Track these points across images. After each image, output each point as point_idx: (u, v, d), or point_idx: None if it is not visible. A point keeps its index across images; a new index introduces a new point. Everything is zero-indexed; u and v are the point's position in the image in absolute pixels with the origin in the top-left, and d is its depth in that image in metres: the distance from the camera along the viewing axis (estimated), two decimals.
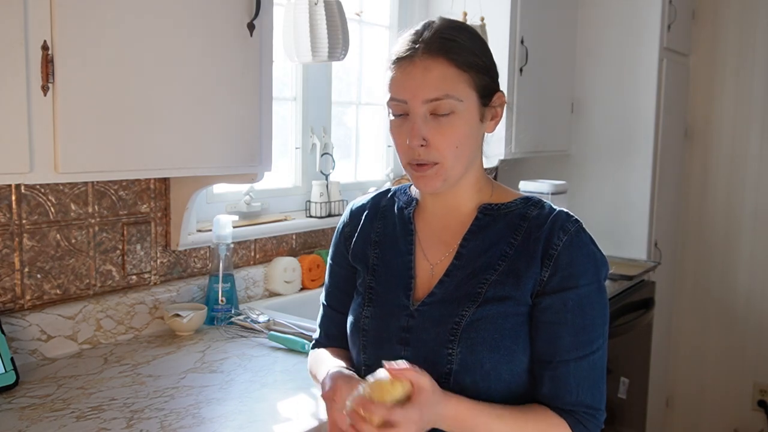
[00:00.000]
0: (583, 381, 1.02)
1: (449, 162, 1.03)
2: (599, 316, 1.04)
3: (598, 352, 1.03)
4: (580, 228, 1.06)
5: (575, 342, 1.02)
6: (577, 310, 1.02)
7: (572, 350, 1.02)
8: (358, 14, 2.36)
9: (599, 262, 1.05)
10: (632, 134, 2.84)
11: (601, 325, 1.04)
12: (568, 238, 1.03)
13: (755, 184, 3.22)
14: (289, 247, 2.09)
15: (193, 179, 1.67)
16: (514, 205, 1.09)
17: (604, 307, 1.05)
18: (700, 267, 3.36)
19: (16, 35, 1.10)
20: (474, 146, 1.06)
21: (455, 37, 1.02)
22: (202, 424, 1.18)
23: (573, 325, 1.02)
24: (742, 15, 3.19)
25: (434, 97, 1.00)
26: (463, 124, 1.02)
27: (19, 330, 1.43)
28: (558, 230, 1.04)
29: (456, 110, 1.01)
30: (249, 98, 1.49)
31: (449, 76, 1.00)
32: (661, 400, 3.27)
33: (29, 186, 1.46)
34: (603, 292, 1.05)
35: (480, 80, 1.03)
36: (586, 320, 1.02)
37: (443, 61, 1.00)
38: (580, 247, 1.04)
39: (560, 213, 1.07)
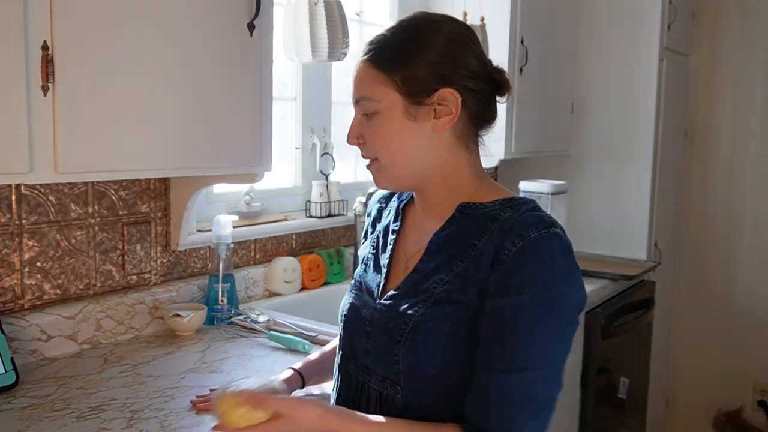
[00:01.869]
0: (501, 398, 0.91)
1: (385, 160, 1.04)
2: (542, 333, 0.92)
3: (530, 372, 0.91)
4: (547, 237, 0.94)
5: (502, 353, 0.92)
6: (513, 320, 0.92)
7: (496, 361, 0.92)
8: (358, 14, 2.36)
9: (558, 276, 0.93)
10: (632, 134, 2.84)
11: (542, 344, 0.92)
12: (523, 244, 0.94)
13: (755, 184, 3.22)
14: (289, 247, 2.09)
15: (193, 179, 1.67)
16: (491, 205, 1.02)
17: (555, 327, 0.93)
18: (700, 267, 3.36)
19: (16, 35, 1.10)
20: (411, 145, 1.02)
21: (385, 37, 1.03)
22: (202, 424, 1.18)
23: (505, 334, 0.92)
24: (742, 15, 3.19)
25: (355, 98, 1.06)
26: (385, 124, 1.02)
27: (19, 330, 1.43)
28: (515, 235, 0.95)
29: (378, 110, 1.02)
30: (249, 98, 1.49)
31: (366, 78, 1.04)
32: (661, 400, 3.27)
33: (29, 186, 1.46)
34: (555, 311, 0.93)
35: (404, 78, 1.00)
36: (521, 333, 0.91)
37: (365, 63, 1.04)
38: (535, 255, 0.93)
39: (530, 216, 0.97)
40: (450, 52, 1.01)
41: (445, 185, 1.05)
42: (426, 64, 1.00)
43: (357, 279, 1.15)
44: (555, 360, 0.94)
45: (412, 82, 1.00)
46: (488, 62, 1.05)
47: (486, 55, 1.06)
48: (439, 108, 1.00)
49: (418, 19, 1.04)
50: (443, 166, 1.04)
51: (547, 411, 0.94)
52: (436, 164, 1.04)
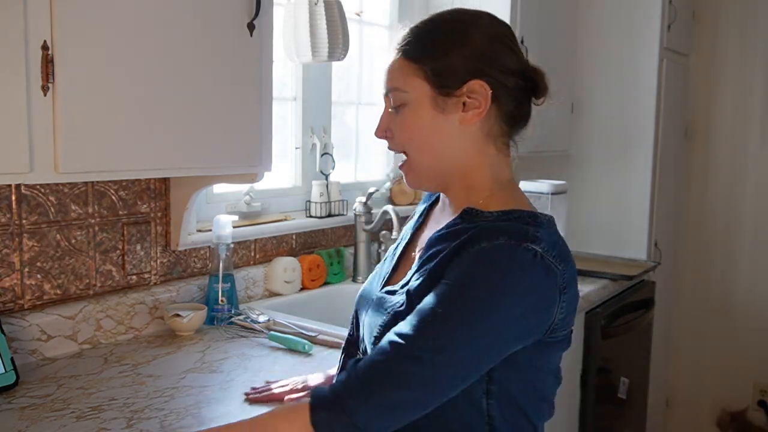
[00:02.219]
0: (364, 365, 0.89)
1: (412, 154, 1.03)
2: (457, 315, 0.87)
3: (416, 351, 0.87)
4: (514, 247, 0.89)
5: (405, 322, 0.90)
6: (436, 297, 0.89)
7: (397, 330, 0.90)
8: (358, 14, 2.36)
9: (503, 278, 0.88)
10: (632, 134, 2.84)
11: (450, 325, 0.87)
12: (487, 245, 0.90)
13: (755, 184, 3.22)
14: (289, 247, 2.09)
15: (193, 179, 1.67)
16: (490, 216, 0.97)
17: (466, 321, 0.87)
18: (700, 267, 3.36)
19: (16, 35, 1.10)
20: (437, 137, 1.00)
21: (419, 31, 1.03)
22: (202, 425, 1.18)
23: (422, 305, 0.90)
24: (742, 15, 3.19)
25: (386, 90, 1.04)
26: (413, 116, 1.00)
27: (19, 330, 1.43)
28: (485, 237, 0.91)
29: (407, 102, 1.01)
30: (249, 98, 1.49)
31: (398, 69, 1.02)
32: (661, 400, 3.27)
33: (29, 186, 1.46)
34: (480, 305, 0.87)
35: (434, 69, 0.98)
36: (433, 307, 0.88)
37: (397, 55, 1.03)
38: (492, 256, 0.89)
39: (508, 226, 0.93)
40: (485, 45, 0.99)
41: (463, 185, 1.03)
42: (458, 55, 0.98)
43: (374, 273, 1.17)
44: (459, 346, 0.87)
45: (442, 72, 0.98)
46: (526, 61, 1.03)
47: (524, 55, 1.04)
48: (468, 101, 0.98)
49: (454, 13, 1.03)
50: (467, 164, 1.01)
51: (391, 392, 0.87)
52: (461, 161, 1.01)
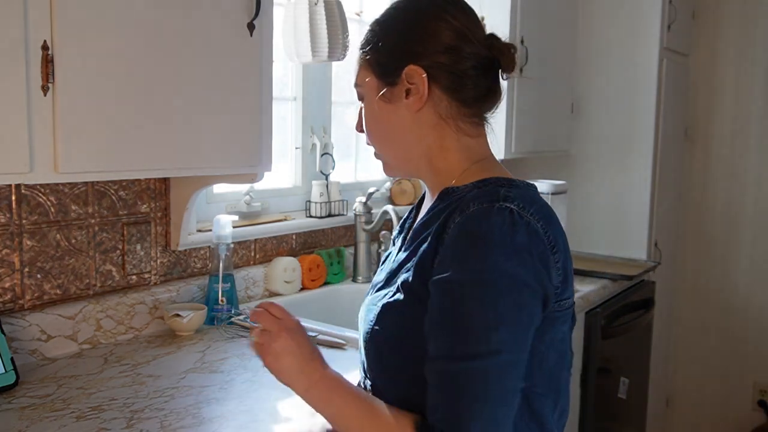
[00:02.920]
0: (441, 395, 0.83)
1: (375, 146, 1.04)
2: (479, 316, 0.82)
3: (468, 362, 0.82)
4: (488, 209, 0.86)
5: (438, 340, 0.85)
6: (447, 301, 0.84)
7: (435, 350, 0.85)
8: (358, 14, 2.36)
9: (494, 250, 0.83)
10: (632, 134, 2.84)
11: (481, 329, 0.82)
12: (461, 219, 0.86)
13: (755, 184, 3.22)
14: (289, 247, 2.09)
15: (193, 179, 1.67)
16: (465, 188, 0.94)
17: (495, 309, 0.82)
18: (700, 267, 3.36)
19: (16, 35, 1.10)
20: (392, 129, 0.99)
21: (370, 26, 1.02)
22: (202, 424, 1.18)
23: (441, 318, 0.85)
24: (742, 15, 3.19)
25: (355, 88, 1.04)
26: (368, 109, 1.01)
27: (19, 330, 1.43)
28: (458, 211, 0.88)
29: (363, 95, 1.02)
30: (249, 98, 1.49)
31: (357, 66, 1.02)
32: (661, 400, 3.27)
33: (29, 186, 1.46)
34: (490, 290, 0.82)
35: (376, 59, 0.98)
36: (456, 317, 0.83)
37: (358, 53, 1.03)
38: (469, 229, 0.85)
39: (480, 192, 0.91)
40: (418, 27, 0.96)
41: (432, 170, 1.00)
42: (392, 41, 0.97)
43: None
44: (500, 349, 0.82)
45: (380, 61, 0.98)
46: (476, 36, 0.97)
47: (475, 28, 0.98)
48: (410, 87, 0.96)
49: (393, 3, 1.02)
50: (429, 149, 0.99)
51: (496, 407, 0.82)
52: (422, 147, 0.99)
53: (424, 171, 1.01)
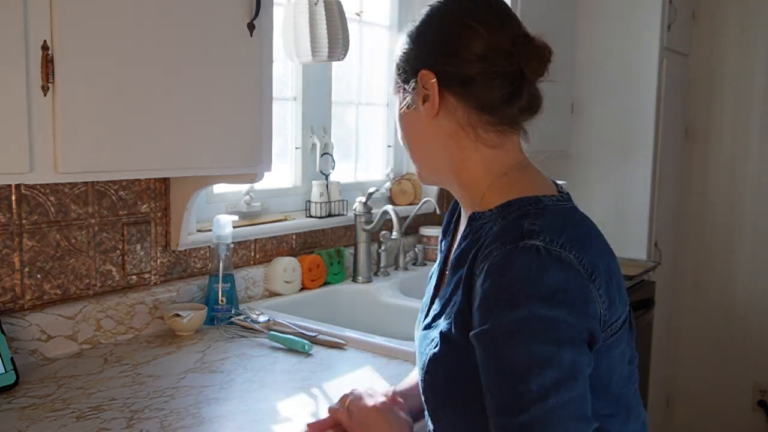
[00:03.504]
0: None
1: (409, 154, 1.02)
2: (520, 365, 0.78)
3: (523, 414, 0.77)
4: (513, 252, 0.80)
5: (492, 397, 0.81)
6: (489, 356, 0.81)
7: (493, 408, 0.81)
8: (358, 14, 2.36)
9: (523, 295, 0.78)
10: (632, 134, 2.84)
11: (524, 379, 0.77)
12: (487, 266, 0.82)
13: (755, 184, 3.22)
14: (289, 247, 2.10)
15: (193, 179, 1.67)
16: (490, 214, 0.90)
17: (529, 354, 0.78)
18: (700, 267, 3.37)
19: (16, 35, 1.10)
20: (416, 136, 0.98)
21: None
22: (202, 424, 1.18)
23: (487, 374, 0.82)
24: (742, 15, 3.19)
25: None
26: (399, 116, 1.00)
27: (19, 330, 1.43)
28: (483, 255, 0.83)
29: (394, 102, 1.02)
30: (249, 98, 1.49)
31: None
32: (661, 400, 3.28)
33: (29, 186, 1.46)
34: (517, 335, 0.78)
35: (401, 64, 0.97)
36: (500, 370, 0.80)
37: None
38: (495, 278, 0.80)
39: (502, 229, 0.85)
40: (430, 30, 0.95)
41: (459, 182, 0.97)
42: (412, 47, 0.96)
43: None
44: (548, 394, 0.77)
45: (400, 67, 0.98)
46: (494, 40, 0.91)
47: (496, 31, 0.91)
48: (426, 93, 0.94)
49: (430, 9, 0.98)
50: (451, 160, 0.95)
51: None
52: (445, 157, 0.96)
53: (452, 183, 0.98)
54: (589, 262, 0.82)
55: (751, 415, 3.28)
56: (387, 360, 1.51)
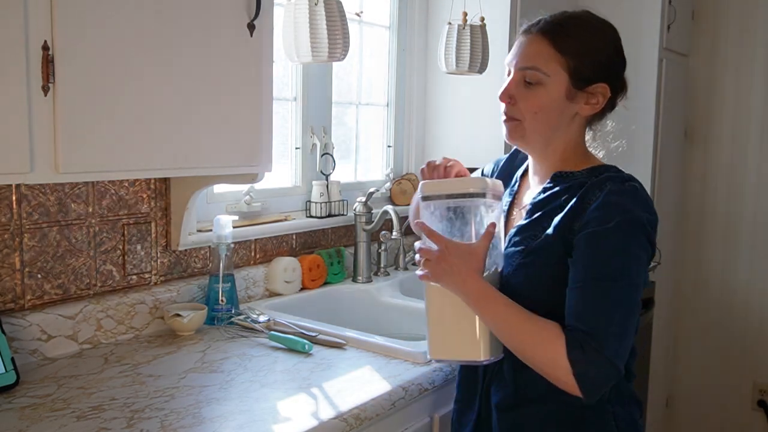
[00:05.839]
0: (587, 306, 1.09)
1: (528, 123, 1.22)
2: (616, 253, 1.09)
3: (609, 282, 1.09)
4: (621, 187, 1.14)
5: (585, 272, 1.10)
6: (591, 245, 1.11)
7: (581, 279, 1.10)
8: (358, 14, 2.36)
9: (629, 213, 1.11)
10: (632, 134, 2.84)
11: (617, 261, 1.09)
12: (602, 193, 1.14)
13: (755, 184, 3.22)
14: (290, 247, 2.10)
15: (193, 179, 1.67)
16: (580, 174, 1.22)
17: (625, 246, 1.10)
18: (700, 267, 3.36)
19: (16, 35, 1.10)
20: (557, 117, 1.21)
21: (566, 25, 1.21)
22: (202, 424, 1.18)
23: (585, 257, 1.11)
24: (742, 15, 3.19)
25: (525, 66, 1.21)
26: (546, 96, 1.20)
27: (20, 330, 1.43)
28: (596, 189, 1.15)
29: (543, 83, 1.19)
30: (249, 98, 1.49)
31: (544, 53, 1.19)
32: (661, 400, 3.27)
33: (30, 186, 1.46)
34: (625, 234, 1.10)
35: (576, 66, 1.19)
36: (598, 254, 1.10)
37: (545, 40, 1.20)
38: (610, 197, 1.12)
39: (608, 176, 1.18)
40: (614, 56, 1.23)
41: (561, 158, 1.25)
42: (597, 60, 1.20)
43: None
44: (631, 276, 1.10)
45: (583, 70, 1.19)
46: (625, 68, 1.26)
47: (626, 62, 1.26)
48: (590, 97, 1.21)
49: (598, 19, 1.24)
50: (567, 140, 1.25)
51: (628, 319, 1.10)
52: (565, 138, 1.24)
53: (549, 153, 1.26)
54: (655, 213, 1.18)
55: (751, 415, 3.28)
56: (387, 360, 1.51)
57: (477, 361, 1.21)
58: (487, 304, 1.16)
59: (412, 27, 2.57)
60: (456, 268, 1.17)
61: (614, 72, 1.23)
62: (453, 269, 1.17)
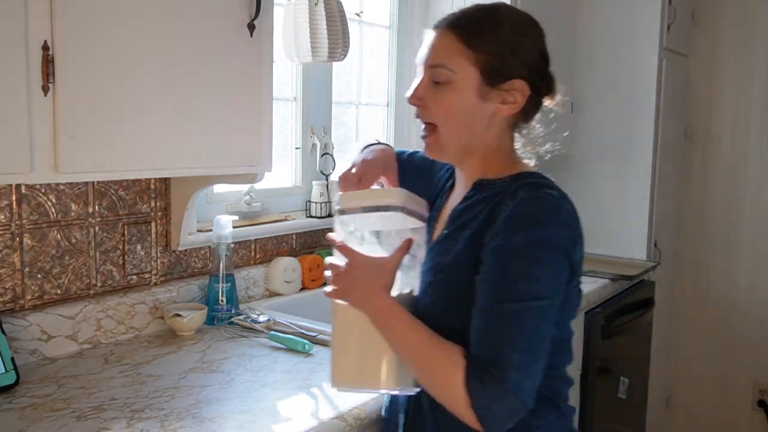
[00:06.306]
0: (488, 332, 0.98)
1: (442, 128, 1.10)
2: (522, 271, 0.98)
3: (513, 305, 0.97)
4: (535, 195, 1.03)
5: (489, 293, 0.99)
6: (496, 262, 1.00)
7: (485, 300, 0.99)
8: (358, 14, 2.36)
9: (539, 227, 0.99)
10: (632, 134, 2.84)
11: (524, 280, 0.98)
12: (514, 202, 1.02)
13: (755, 184, 3.22)
14: (290, 247, 2.10)
15: (193, 179, 1.67)
16: (501, 182, 1.10)
17: (533, 265, 0.98)
18: (700, 267, 3.36)
19: (16, 35, 1.10)
20: (471, 119, 1.09)
21: (476, 18, 1.09)
22: (202, 424, 1.18)
23: (490, 275, 1.00)
24: (742, 15, 3.19)
25: (432, 63, 1.09)
26: (455, 96, 1.08)
27: (20, 330, 1.43)
28: (508, 198, 1.04)
29: (451, 81, 1.07)
30: (249, 98, 1.49)
31: (451, 49, 1.07)
32: (661, 400, 3.27)
33: (29, 186, 1.46)
34: (533, 251, 0.98)
35: (487, 61, 1.06)
36: (504, 273, 0.99)
37: (451, 35, 1.08)
38: (521, 208, 1.01)
39: (524, 183, 1.06)
40: (533, 51, 1.10)
41: (481, 164, 1.13)
42: (512, 55, 1.07)
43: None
44: (539, 296, 0.98)
45: (494, 65, 1.07)
46: (549, 64, 1.15)
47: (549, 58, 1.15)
48: (507, 95, 1.08)
49: (510, 11, 1.11)
50: (488, 147, 1.12)
51: (535, 342, 0.98)
52: (484, 143, 1.12)
53: (470, 162, 1.14)
54: (579, 222, 1.06)
55: (751, 415, 3.28)
56: None
57: (383, 390, 1.09)
58: (389, 324, 1.04)
59: (412, 27, 2.56)
60: (362, 283, 1.06)
61: (532, 67, 1.10)
62: (359, 284, 1.06)
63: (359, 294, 1.06)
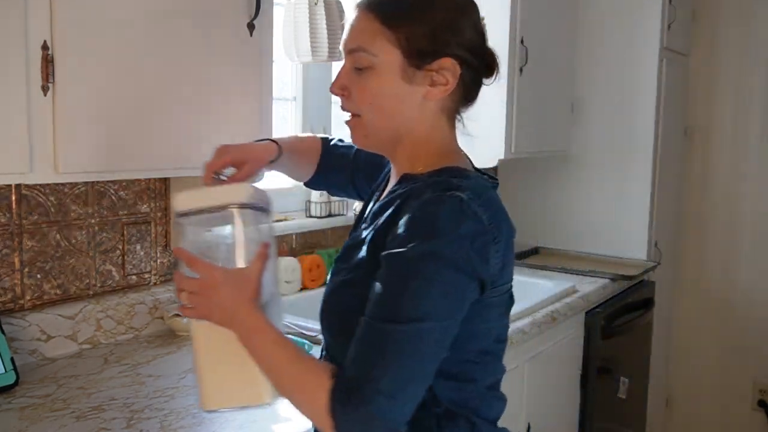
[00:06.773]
0: (361, 350, 0.89)
1: (366, 117, 1.01)
2: (411, 286, 0.88)
3: (391, 325, 0.87)
4: (439, 198, 0.91)
5: (371, 307, 0.90)
6: (387, 271, 0.90)
7: (369, 312, 0.90)
8: None
9: (433, 238, 0.88)
10: (632, 134, 2.83)
11: (409, 298, 0.88)
12: (416, 203, 0.92)
13: (755, 184, 3.22)
14: (289, 247, 2.09)
15: (193, 179, 1.67)
16: (423, 177, 1.00)
17: (426, 280, 0.88)
18: (700, 267, 3.36)
19: (16, 35, 1.10)
20: (397, 106, 0.99)
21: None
22: (202, 424, 1.18)
23: (380, 287, 0.90)
24: (742, 15, 3.19)
25: (350, 48, 1.01)
26: (378, 81, 0.98)
27: (19, 330, 1.43)
28: (413, 197, 0.94)
29: (373, 66, 0.98)
30: (249, 98, 1.49)
31: (369, 30, 0.98)
32: (661, 400, 3.27)
33: (29, 186, 1.46)
34: (425, 265, 0.88)
35: (410, 39, 0.96)
36: (390, 286, 0.89)
37: (369, 15, 0.99)
38: (421, 212, 0.91)
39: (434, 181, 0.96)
40: (459, 25, 0.98)
41: (410, 154, 1.03)
42: (435, 31, 0.97)
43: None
44: (423, 318, 0.87)
45: (416, 44, 0.96)
46: (486, 42, 1.02)
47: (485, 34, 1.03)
48: (436, 76, 0.97)
49: None
50: (418, 135, 1.01)
51: (408, 367, 0.88)
52: (414, 131, 1.01)
53: (400, 152, 1.04)
54: (496, 226, 0.94)
55: (751, 415, 3.28)
56: None
57: (261, 404, 1.01)
58: (255, 340, 0.94)
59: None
60: (225, 300, 0.94)
61: (462, 43, 0.98)
62: (222, 301, 0.94)
63: (221, 313, 0.95)
